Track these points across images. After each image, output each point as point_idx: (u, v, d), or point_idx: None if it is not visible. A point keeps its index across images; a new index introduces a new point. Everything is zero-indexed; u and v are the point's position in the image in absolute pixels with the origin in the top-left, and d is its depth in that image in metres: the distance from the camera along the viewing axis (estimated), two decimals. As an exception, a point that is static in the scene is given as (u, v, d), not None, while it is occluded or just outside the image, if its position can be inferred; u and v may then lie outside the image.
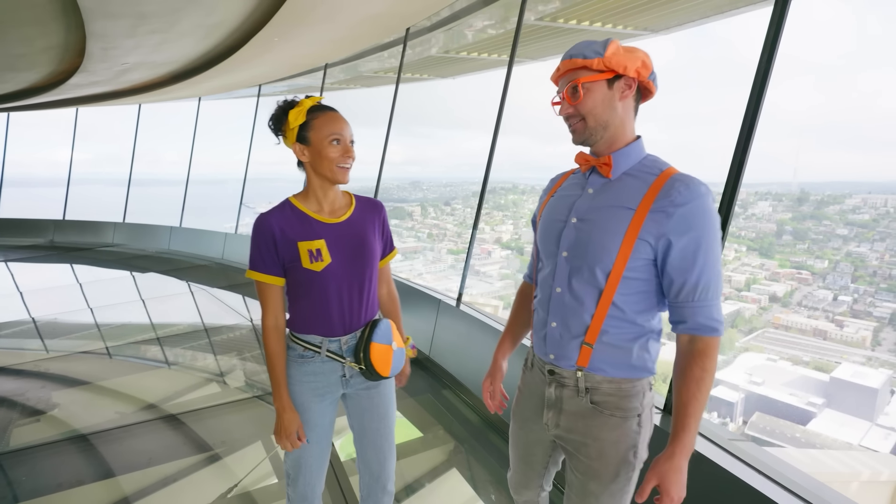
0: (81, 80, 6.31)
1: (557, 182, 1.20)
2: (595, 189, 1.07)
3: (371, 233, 1.35)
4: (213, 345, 4.21)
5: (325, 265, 1.27)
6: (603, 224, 1.03)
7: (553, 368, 1.12)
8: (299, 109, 1.26)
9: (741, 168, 1.66)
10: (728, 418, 7.10)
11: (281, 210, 1.30)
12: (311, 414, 1.33)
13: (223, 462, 2.43)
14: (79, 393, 3.29)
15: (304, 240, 1.27)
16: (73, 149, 10.76)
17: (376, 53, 5.72)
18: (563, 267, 1.07)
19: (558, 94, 1.08)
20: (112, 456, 2.47)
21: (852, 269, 7.58)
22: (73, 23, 3.98)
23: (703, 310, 1.00)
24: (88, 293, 6.36)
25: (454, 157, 23.45)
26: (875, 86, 12.36)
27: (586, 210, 1.06)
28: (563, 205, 1.11)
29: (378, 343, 1.32)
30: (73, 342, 4.35)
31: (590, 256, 1.03)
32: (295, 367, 1.33)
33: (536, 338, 1.16)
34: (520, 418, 1.23)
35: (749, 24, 4.03)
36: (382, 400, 1.42)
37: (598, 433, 1.08)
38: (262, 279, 1.28)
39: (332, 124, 1.26)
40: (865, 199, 7.88)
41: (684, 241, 0.97)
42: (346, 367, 1.34)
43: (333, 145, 1.26)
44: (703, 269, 0.98)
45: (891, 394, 6.49)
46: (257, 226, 1.27)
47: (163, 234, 8.96)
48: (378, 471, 1.43)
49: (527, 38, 4.49)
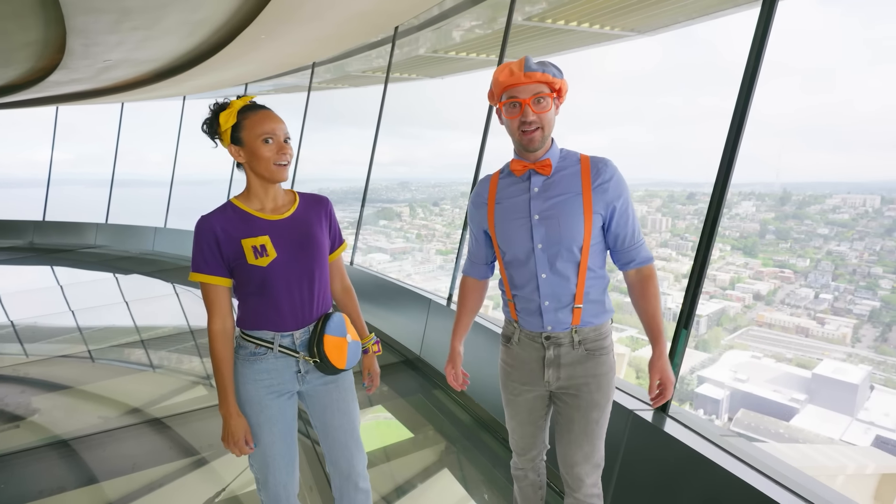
0: (62, 78, 6.18)
1: (490, 191, 1.38)
2: (539, 187, 1.30)
3: (317, 227, 1.35)
4: (198, 347, 4.14)
5: (271, 260, 1.27)
6: (565, 213, 1.28)
7: (549, 335, 1.35)
8: (229, 111, 1.26)
9: (729, 170, 1.68)
10: (714, 415, 7.21)
11: (223, 211, 1.30)
12: (271, 411, 1.31)
13: (210, 466, 2.39)
14: (60, 398, 3.21)
15: (247, 237, 1.27)
16: (54, 148, 10.53)
17: (365, 52, 5.69)
18: (542, 256, 1.30)
19: (513, 101, 1.24)
20: (95, 462, 2.41)
21: (833, 268, 7.75)
22: (53, 17, 3.88)
23: (642, 248, 1.35)
24: (70, 295, 6.22)
25: (442, 157, 23.84)
26: (854, 89, 12.73)
27: (543, 207, 1.29)
28: (516, 208, 1.32)
29: (332, 335, 1.32)
30: (54, 346, 4.25)
31: (565, 241, 1.28)
32: (246, 365, 1.31)
33: (527, 318, 1.36)
34: (514, 387, 1.43)
35: (730, 26, 4.08)
36: (342, 394, 1.40)
37: (595, 371, 1.34)
38: (206, 280, 1.27)
39: (263, 123, 1.26)
40: (845, 199, 8.07)
41: (619, 203, 1.29)
42: (301, 363, 1.33)
43: (267, 144, 1.26)
44: (633, 220, 1.33)
45: (870, 389, 6.64)
46: (198, 227, 1.27)
47: (147, 235, 8.81)
48: (347, 469, 1.41)
49: (514, 39, 4.50)
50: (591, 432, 1.35)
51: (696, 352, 7.44)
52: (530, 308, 1.34)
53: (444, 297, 3.44)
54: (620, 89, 28.27)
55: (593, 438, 1.36)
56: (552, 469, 1.91)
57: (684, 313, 1.78)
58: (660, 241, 9.12)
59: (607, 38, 4.39)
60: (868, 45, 9.87)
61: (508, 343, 1.42)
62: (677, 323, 1.78)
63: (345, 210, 8.38)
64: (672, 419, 1.71)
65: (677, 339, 1.79)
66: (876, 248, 7.31)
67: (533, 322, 1.34)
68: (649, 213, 8.82)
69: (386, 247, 13.29)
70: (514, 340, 1.40)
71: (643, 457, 1.72)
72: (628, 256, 1.34)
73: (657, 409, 1.77)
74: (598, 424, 1.36)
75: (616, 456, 1.78)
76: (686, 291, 1.79)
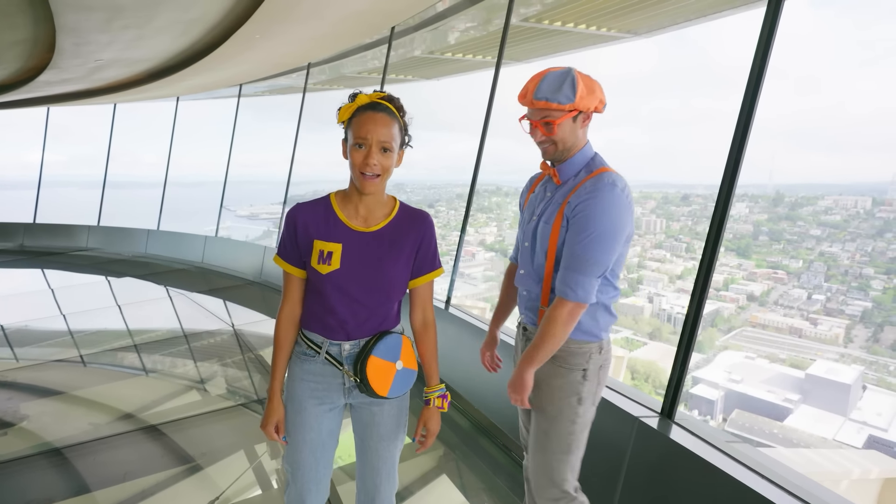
0: (52, 78, 6.09)
1: (535, 182, 1.49)
2: (551, 192, 1.38)
3: (398, 251, 1.25)
4: (192, 351, 4.08)
5: (331, 270, 1.22)
6: (547, 218, 1.35)
7: (525, 326, 1.47)
8: (349, 106, 1.20)
9: (735, 173, 1.67)
10: (709, 416, 7.22)
11: (315, 205, 1.27)
12: (307, 415, 1.28)
13: (204, 473, 2.34)
14: (50, 403, 3.15)
15: (321, 239, 1.24)
16: (45, 150, 10.40)
17: (361, 53, 5.66)
18: (526, 252, 1.41)
19: (527, 119, 1.34)
20: (86, 470, 2.36)
21: (825, 269, 7.79)
22: (42, 16, 3.82)
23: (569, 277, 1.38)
24: (61, 299, 6.14)
25: (437, 159, 23.47)
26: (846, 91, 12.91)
27: (542, 210, 1.38)
28: (533, 205, 1.43)
29: (379, 358, 1.23)
30: (45, 350, 4.18)
31: (539, 243, 1.36)
32: (297, 363, 1.30)
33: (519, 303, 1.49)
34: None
35: (724, 29, 4.09)
36: (387, 420, 1.31)
37: (548, 379, 1.37)
38: (283, 266, 1.29)
39: (361, 126, 1.17)
40: (837, 201, 8.11)
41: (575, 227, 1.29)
42: (346, 377, 1.28)
43: (357, 149, 1.18)
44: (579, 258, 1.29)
45: (862, 389, 6.68)
46: (288, 215, 1.28)
47: (140, 238, 8.71)
48: (373, 492, 1.35)
49: (511, 40, 4.49)
50: (536, 441, 1.37)
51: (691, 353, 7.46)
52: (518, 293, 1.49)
53: (443, 301, 3.41)
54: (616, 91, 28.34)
55: (538, 449, 1.36)
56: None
57: (689, 320, 1.76)
58: (654, 242, 9.16)
59: (604, 39, 4.39)
60: (860, 47, 9.98)
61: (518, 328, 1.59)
62: (682, 331, 1.76)
63: (340, 212, 8.34)
64: (678, 426, 1.69)
65: (682, 351, 1.77)
66: (867, 249, 7.36)
67: (519, 307, 1.51)
68: (644, 215, 8.86)
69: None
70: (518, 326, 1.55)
71: (649, 464, 1.69)
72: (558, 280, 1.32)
73: (663, 416, 1.75)
74: (546, 436, 1.35)
75: (621, 463, 1.75)
76: (691, 298, 1.78)
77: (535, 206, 1.42)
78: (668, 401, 1.74)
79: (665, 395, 1.78)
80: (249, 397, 3.17)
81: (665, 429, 1.68)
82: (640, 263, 9.33)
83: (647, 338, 8.46)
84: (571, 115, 1.28)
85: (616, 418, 1.82)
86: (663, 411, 1.76)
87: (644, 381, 7.90)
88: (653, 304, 8.71)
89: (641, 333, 8.46)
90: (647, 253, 9.17)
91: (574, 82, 1.24)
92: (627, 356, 6.78)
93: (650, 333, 8.44)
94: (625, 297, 8.81)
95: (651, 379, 7.93)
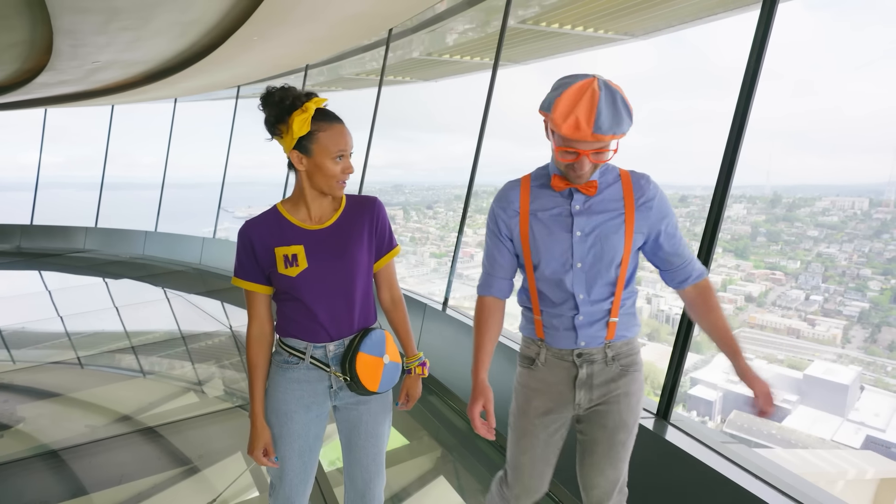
0: (49, 79, 6.09)
1: (522, 199, 1.27)
2: (582, 205, 1.24)
3: (357, 237, 1.28)
4: (190, 353, 4.08)
5: (301, 270, 1.23)
6: (609, 233, 1.23)
7: (581, 352, 1.28)
8: (305, 117, 1.17)
9: (730, 174, 1.68)
10: (707, 417, 7.22)
11: (265, 217, 1.27)
12: (294, 424, 1.27)
13: (202, 475, 2.34)
14: (47, 405, 3.14)
15: (280, 245, 1.24)
16: (42, 151, 10.38)
17: (359, 55, 5.67)
18: (580, 275, 1.24)
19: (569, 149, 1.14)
20: (83, 472, 2.35)
21: (823, 270, 7.79)
22: (39, 18, 3.82)
23: (695, 262, 1.31)
24: (58, 301, 6.12)
25: (436, 160, 23.69)
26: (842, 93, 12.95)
27: (587, 225, 1.23)
28: (557, 222, 1.25)
29: (366, 354, 1.25)
30: (42, 352, 4.17)
31: (605, 260, 1.23)
32: (279, 373, 1.28)
33: (556, 334, 1.28)
34: (535, 415, 1.31)
35: (721, 31, 4.10)
36: (373, 417, 1.33)
37: (628, 389, 1.29)
38: (244, 286, 1.28)
39: (339, 139, 1.20)
40: (834, 202, 8.12)
41: (665, 224, 1.26)
42: (333, 378, 1.28)
43: (336, 161, 1.20)
44: (681, 237, 1.29)
45: (860, 390, 6.68)
46: (240, 234, 1.27)
47: (137, 239, 8.70)
48: (363, 489, 1.36)
49: (508, 42, 4.50)
50: (615, 455, 1.29)
51: (689, 353, 7.48)
52: (562, 324, 1.27)
53: (440, 302, 3.42)
54: (613, 92, 28.22)
55: (617, 462, 1.29)
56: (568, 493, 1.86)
57: (685, 321, 1.77)
58: (653, 243, 9.18)
59: (601, 41, 4.40)
60: (856, 49, 10.01)
61: (532, 364, 1.32)
62: (677, 332, 1.77)
63: (338, 213, 8.33)
64: (673, 427, 1.69)
65: (678, 352, 1.77)
66: (865, 250, 7.37)
67: (564, 339, 1.27)
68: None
69: (384, 250, 13.24)
70: (540, 361, 1.30)
71: (644, 466, 1.69)
72: (684, 273, 1.29)
73: (659, 417, 1.75)
74: (623, 447, 1.30)
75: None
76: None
77: (563, 224, 1.24)
78: (664, 402, 1.75)
79: (661, 396, 1.78)
80: (247, 399, 3.16)
81: (661, 430, 1.69)
82: (638, 265, 9.36)
83: (646, 339, 8.47)
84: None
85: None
86: (659, 412, 1.77)
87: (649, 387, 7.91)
88: (651, 305, 8.72)
89: (640, 334, 8.48)
90: (645, 254, 9.20)
91: (626, 105, 1.13)
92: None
93: (648, 334, 8.45)
94: (623, 299, 8.82)
95: (650, 380, 7.95)
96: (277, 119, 1.19)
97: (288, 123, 1.18)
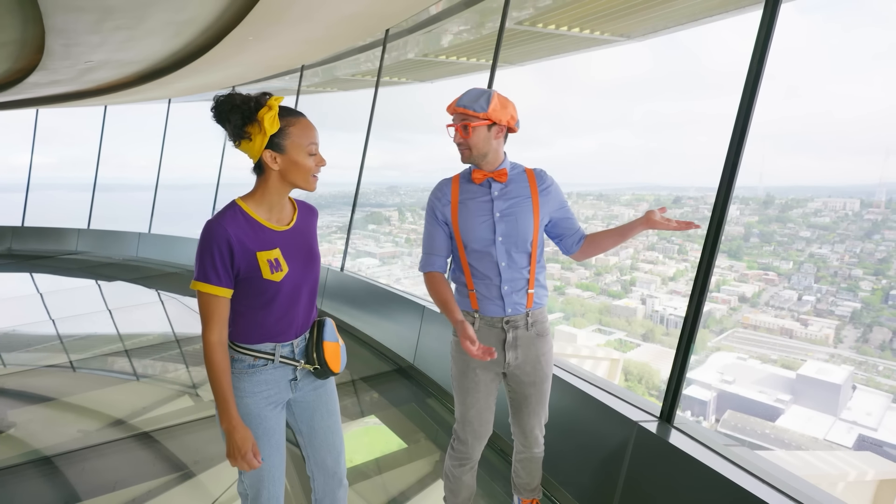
0: (41, 79, 6.02)
1: (452, 192, 1.61)
2: (498, 192, 1.57)
3: (314, 237, 1.37)
4: (184, 355, 4.04)
5: (284, 274, 1.25)
6: (521, 212, 1.57)
7: (508, 319, 1.59)
8: (273, 114, 1.17)
9: (733, 176, 1.68)
10: (701, 417, 7.26)
11: (233, 217, 1.21)
12: (269, 422, 1.30)
13: (197, 480, 2.31)
14: (39, 410, 3.09)
15: (261, 250, 1.22)
16: (33, 152, 10.27)
17: (354, 56, 5.65)
18: (501, 248, 1.55)
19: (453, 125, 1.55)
20: (76, 478, 2.32)
21: (815, 270, 7.89)
22: (31, 16, 3.77)
23: (580, 227, 1.68)
24: (50, 303, 6.05)
25: (431, 161, 23.91)
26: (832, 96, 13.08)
27: (504, 207, 1.56)
28: (480, 208, 1.57)
29: (329, 341, 1.35)
30: (33, 355, 4.11)
31: (520, 235, 1.55)
32: (245, 378, 1.27)
33: (489, 305, 1.58)
34: (475, 373, 1.62)
35: (715, 34, 4.12)
36: (330, 396, 1.43)
37: (544, 349, 1.63)
38: (211, 291, 1.19)
39: (309, 133, 1.23)
40: (826, 203, 8.21)
41: (562, 205, 1.64)
42: (298, 370, 1.34)
43: (309, 155, 1.23)
44: (573, 213, 1.67)
45: (852, 389, 6.74)
46: (211, 233, 1.17)
47: (131, 241, 8.62)
48: (334, 467, 1.42)
49: (506, 43, 4.50)
50: (543, 401, 1.66)
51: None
52: (489, 294, 1.57)
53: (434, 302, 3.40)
54: (609, 94, 28.52)
55: (545, 405, 1.67)
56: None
57: (688, 325, 1.76)
58: (647, 244, 9.21)
59: (597, 42, 4.41)
60: (848, 52, 10.11)
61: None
62: (680, 335, 1.77)
63: (333, 214, 8.29)
64: (677, 430, 1.69)
65: (681, 355, 1.77)
66: (856, 251, 7.44)
67: (494, 308, 1.58)
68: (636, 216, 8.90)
69: (375, 251, 13.24)
70: (475, 329, 1.58)
71: (649, 469, 1.69)
72: (577, 236, 1.67)
73: (662, 420, 1.75)
74: (547, 394, 1.67)
75: (620, 468, 1.75)
76: (689, 302, 1.78)
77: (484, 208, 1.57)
78: (668, 405, 1.74)
79: (664, 399, 1.77)
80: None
81: (664, 433, 1.68)
82: (632, 265, 9.36)
83: (641, 339, 8.49)
84: (485, 123, 1.50)
85: (615, 423, 1.82)
86: (662, 416, 1.76)
87: (637, 383, 7.92)
88: (645, 306, 8.75)
89: (634, 335, 8.48)
90: (639, 255, 9.21)
91: (489, 97, 1.50)
92: (622, 359, 6.79)
93: (643, 335, 8.48)
94: (618, 300, 8.84)
95: (644, 380, 7.96)
96: (245, 121, 1.17)
97: (256, 124, 1.18)
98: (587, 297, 9.17)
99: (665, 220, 1.51)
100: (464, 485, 1.73)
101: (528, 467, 1.75)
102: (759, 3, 1.71)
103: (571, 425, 1.99)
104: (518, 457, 1.76)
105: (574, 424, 1.99)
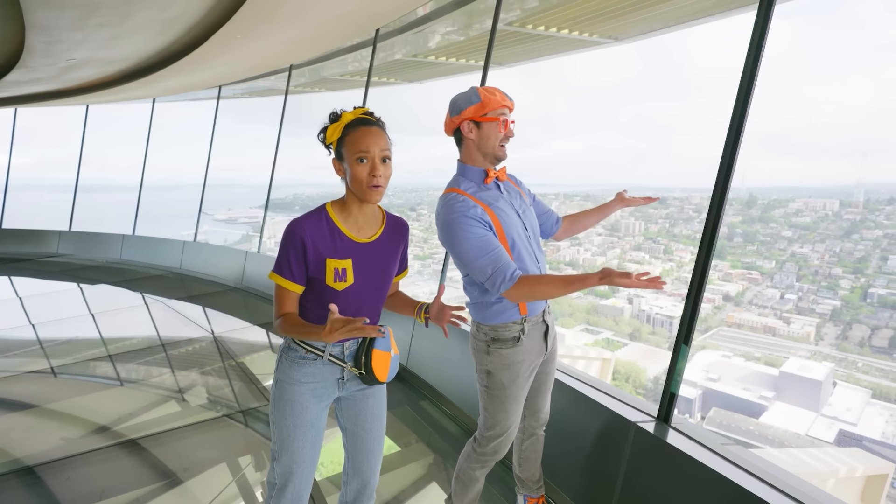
0: (20, 77, 5.87)
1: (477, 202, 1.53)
2: (507, 191, 1.61)
3: (394, 255, 1.39)
4: (170, 359, 3.96)
5: (347, 286, 1.29)
6: (528, 206, 1.66)
7: (545, 310, 1.64)
8: (336, 125, 1.26)
9: (728, 177, 1.70)
10: (687, 414, 7.35)
11: (317, 219, 1.28)
12: (309, 414, 1.33)
13: (185, 487, 2.26)
14: (20, 418, 3.00)
15: (333, 257, 1.27)
16: (12, 153, 10.01)
17: (343, 55, 5.61)
18: (533, 241, 1.62)
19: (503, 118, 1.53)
20: (60, 488, 2.25)
21: (797, 269, 8.04)
22: (10, 13, 3.67)
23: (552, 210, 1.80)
24: (30, 307, 5.89)
25: (419, 162, 23.78)
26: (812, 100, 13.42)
27: (518, 203, 1.62)
28: (506, 206, 1.57)
29: (380, 350, 1.35)
30: (12, 361, 4.00)
31: (537, 227, 1.67)
32: (295, 367, 1.33)
33: (535, 304, 1.58)
34: (524, 380, 1.59)
35: (703, 36, 4.18)
36: (378, 400, 1.45)
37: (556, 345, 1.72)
38: (284, 284, 1.29)
39: (360, 141, 1.24)
40: (807, 203, 8.38)
41: (534, 195, 1.75)
42: (346, 371, 1.36)
43: (361, 164, 1.24)
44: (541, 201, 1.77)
45: (833, 385, 6.88)
46: (291, 232, 1.27)
47: (114, 243, 8.44)
48: (368, 475, 1.45)
49: (497, 44, 4.50)
50: (553, 379, 1.75)
51: (669, 352, 7.60)
52: None
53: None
54: (597, 95, 28.81)
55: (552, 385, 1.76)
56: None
57: (684, 328, 1.77)
58: (633, 244, 9.30)
59: (586, 44, 4.44)
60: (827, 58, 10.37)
61: (518, 342, 1.55)
62: (677, 338, 1.78)
63: (322, 215, 8.19)
64: (675, 430, 1.70)
65: (677, 355, 1.78)
66: (836, 250, 7.61)
67: (538, 304, 1.58)
68: (622, 218, 8.98)
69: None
70: (524, 334, 1.56)
71: (647, 469, 1.70)
72: (554, 216, 1.77)
73: (659, 420, 1.76)
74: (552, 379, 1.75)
75: (618, 469, 1.75)
76: (686, 303, 1.79)
77: (510, 208, 1.59)
78: (665, 405, 1.75)
79: (661, 400, 1.78)
80: (231, 407, 3.08)
81: (662, 433, 1.69)
82: (619, 265, 9.46)
83: (628, 338, 8.57)
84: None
85: (613, 424, 1.82)
86: (659, 416, 1.77)
87: (625, 382, 8.00)
88: (632, 306, 8.84)
89: (622, 334, 8.56)
90: (626, 255, 9.30)
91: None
92: (614, 358, 6.84)
93: (630, 334, 8.56)
94: (605, 299, 8.92)
95: (631, 379, 8.04)
96: (324, 134, 1.29)
97: (326, 136, 1.28)
98: (575, 296, 9.23)
99: (631, 198, 1.75)
100: (479, 484, 1.75)
101: (535, 449, 1.79)
102: (745, 7, 1.74)
103: (569, 426, 1.99)
104: (524, 444, 1.78)
105: (571, 426, 1.99)
